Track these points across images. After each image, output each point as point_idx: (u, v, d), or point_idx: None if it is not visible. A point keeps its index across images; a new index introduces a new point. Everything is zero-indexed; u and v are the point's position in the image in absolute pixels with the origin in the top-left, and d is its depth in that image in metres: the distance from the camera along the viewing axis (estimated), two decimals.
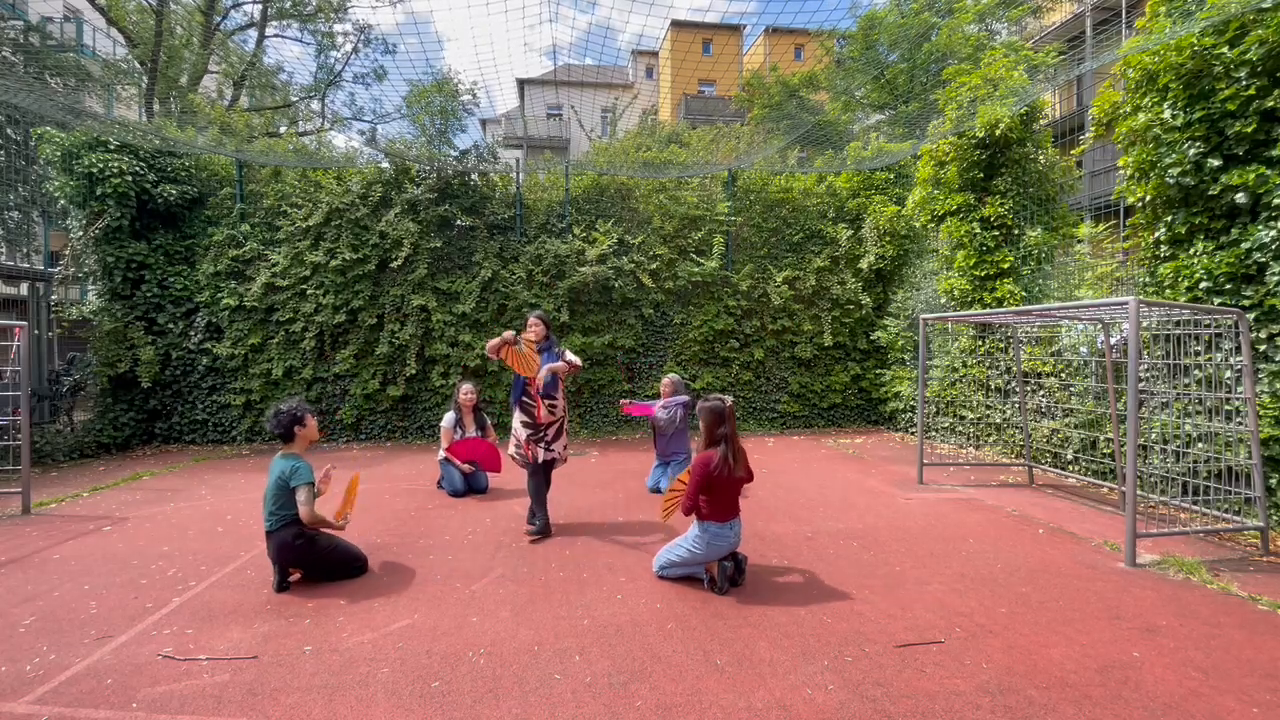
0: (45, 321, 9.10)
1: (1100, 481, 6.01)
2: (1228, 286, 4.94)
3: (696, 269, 9.43)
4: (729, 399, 3.73)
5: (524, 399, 4.62)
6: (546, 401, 4.59)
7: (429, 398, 9.11)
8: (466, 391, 6.10)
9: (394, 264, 8.74)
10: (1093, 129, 6.43)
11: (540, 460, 4.64)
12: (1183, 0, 5.34)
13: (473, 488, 6.01)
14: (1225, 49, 4.88)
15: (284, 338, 8.81)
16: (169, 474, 7.06)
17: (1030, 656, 2.87)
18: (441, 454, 6.01)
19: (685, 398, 5.91)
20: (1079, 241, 7.20)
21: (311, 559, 3.75)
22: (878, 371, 9.90)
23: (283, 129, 18.36)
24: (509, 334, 4.45)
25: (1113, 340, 5.65)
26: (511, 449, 4.79)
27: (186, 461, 7.78)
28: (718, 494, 3.61)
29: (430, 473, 6.76)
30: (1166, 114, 5.24)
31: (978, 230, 7.68)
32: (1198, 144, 5.06)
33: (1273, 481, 4.72)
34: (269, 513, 3.69)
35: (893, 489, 6.12)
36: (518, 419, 4.68)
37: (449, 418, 6.04)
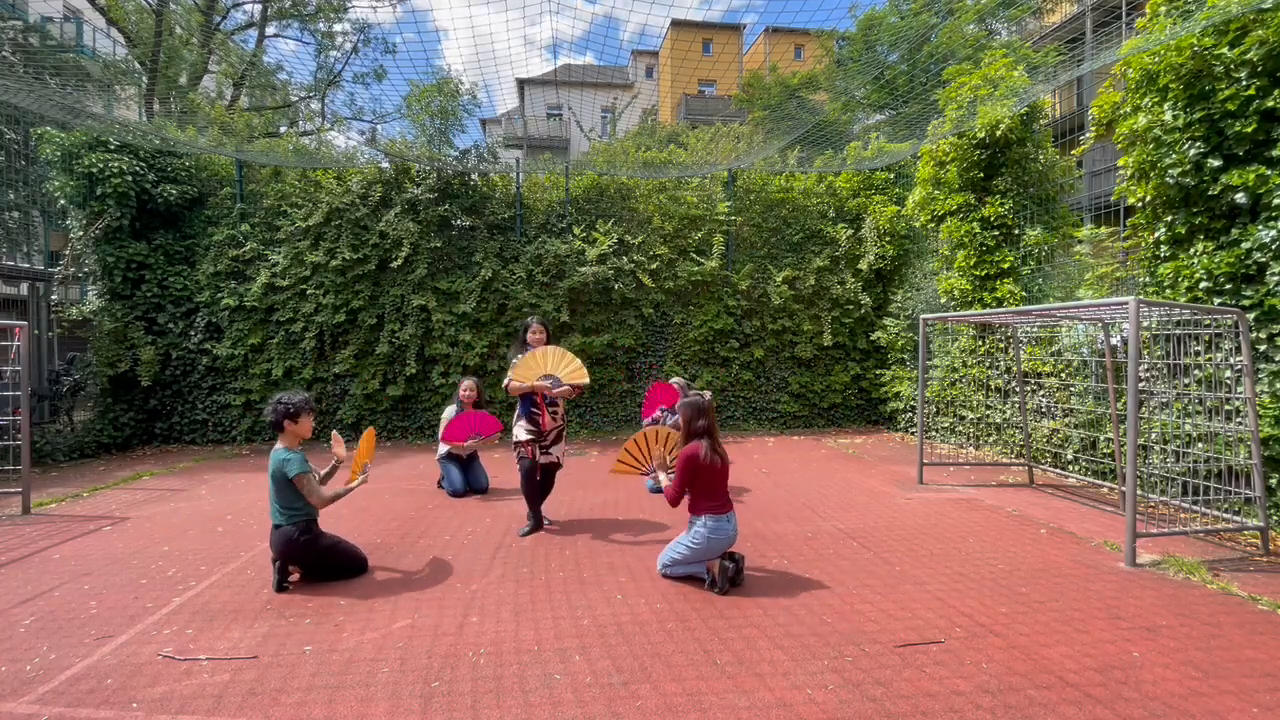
0: (45, 321, 9.09)
1: (1100, 481, 6.01)
2: (1228, 286, 4.94)
3: (696, 269, 9.43)
4: (708, 394, 4.02)
5: (531, 410, 4.70)
6: (550, 409, 4.73)
7: (429, 398, 9.11)
8: (467, 388, 6.09)
9: (394, 264, 8.73)
10: (1093, 129, 6.43)
11: (541, 463, 4.74)
12: (1183, 0, 5.34)
13: (473, 488, 6.01)
14: (1225, 49, 4.88)
15: (284, 338, 8.81)
16: (169, 474, 7.06)
17: (1031, 656, 2.87)
18: (441, 451, 6.00)
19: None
20: (1079, 242, 7.21)
21: (313, 557, 3.75)
22: (878, 371, 9.90)
23: (283, 129, 18.34)
24: (542, 385, 4.61)
25: (1113, 340, 5.65)
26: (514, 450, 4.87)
27: (186, 461, 7.78)
28: (708, 485, 3.68)
29: (430, 473, 6.76)
30: (1166, 114, 5.23)
31: (978, 230, 7.68)
32: (1198, 144, 5.06)
33: (1273, 481, 4.72)
34: (276, 508, 3.71)
35: (893, 489, 6.13)
36: (522, 426, 4.73)
37: (450, 410, 6.03)
